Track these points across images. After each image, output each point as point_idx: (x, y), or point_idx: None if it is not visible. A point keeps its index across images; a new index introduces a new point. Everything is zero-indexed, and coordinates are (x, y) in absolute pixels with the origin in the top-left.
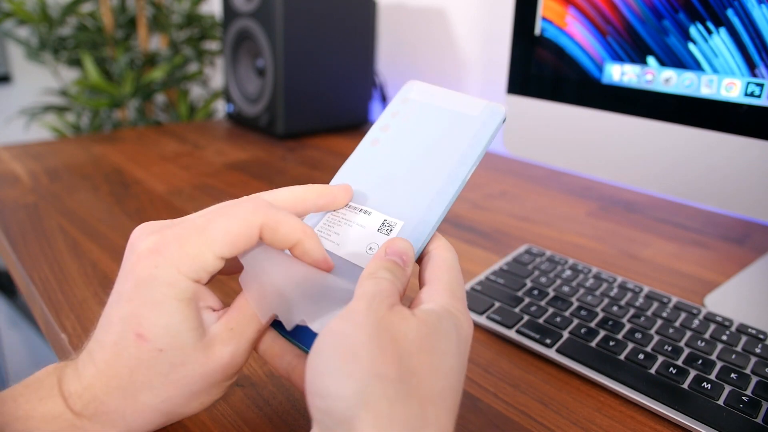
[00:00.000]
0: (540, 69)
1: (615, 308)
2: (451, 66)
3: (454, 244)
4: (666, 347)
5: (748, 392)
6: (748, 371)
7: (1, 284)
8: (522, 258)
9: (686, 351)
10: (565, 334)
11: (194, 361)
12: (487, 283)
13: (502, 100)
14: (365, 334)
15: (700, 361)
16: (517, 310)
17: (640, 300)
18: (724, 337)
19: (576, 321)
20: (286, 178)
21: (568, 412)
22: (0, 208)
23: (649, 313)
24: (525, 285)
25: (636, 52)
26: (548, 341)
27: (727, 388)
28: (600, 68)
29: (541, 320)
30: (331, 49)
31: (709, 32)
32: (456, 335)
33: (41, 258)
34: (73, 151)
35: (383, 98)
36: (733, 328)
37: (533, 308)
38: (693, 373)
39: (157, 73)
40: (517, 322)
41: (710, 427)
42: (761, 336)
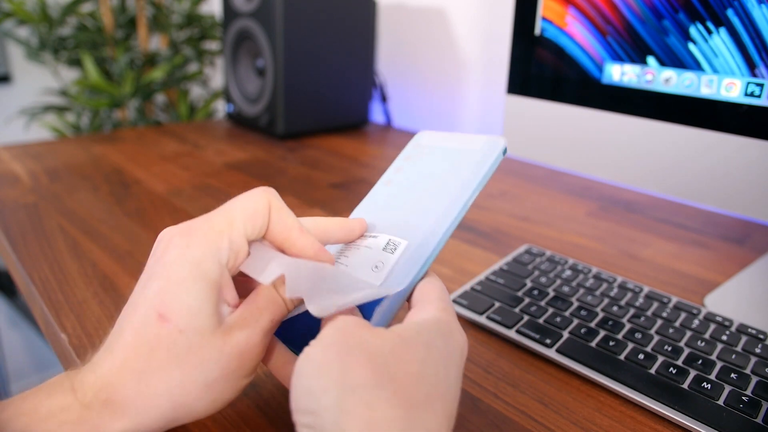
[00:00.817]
0: (540, 69)
1: (615, 308)
2: (451, 66)
3: (454, 243)
4: (666, 347)
5: (748, 392)
6: (748, 371)
7: (1, 284)
8: (522, 258)
9: (686, 351)
10: (565, 334)
11: (212, 346)
12: (487, 283)
13: (502, 100)
14: (334, 351)
15: (700, 361)
16: (517, 310)
17: (640, 300)
18: (724, 337)
19: (576, 321)
20: (286, 178)
21: (568, 412)
22: (0, 208)
23: (649, 313)
24: (525, 285)
25: (636, 52)
26: (548, 341)
27: (727, 388)
28: (600, 68)
29: (541, 320)
30: (331, 49)
31: (709, 32)
32: (443, 345)
33: (41, 258)
34: (73, 151)
35: (383, 98)
36: (733, 328)
37: (533, 308)
38: (693, 373)
39: (157, 73)
40: (517, 322)
41: (710, 427)
42: (761, 336)
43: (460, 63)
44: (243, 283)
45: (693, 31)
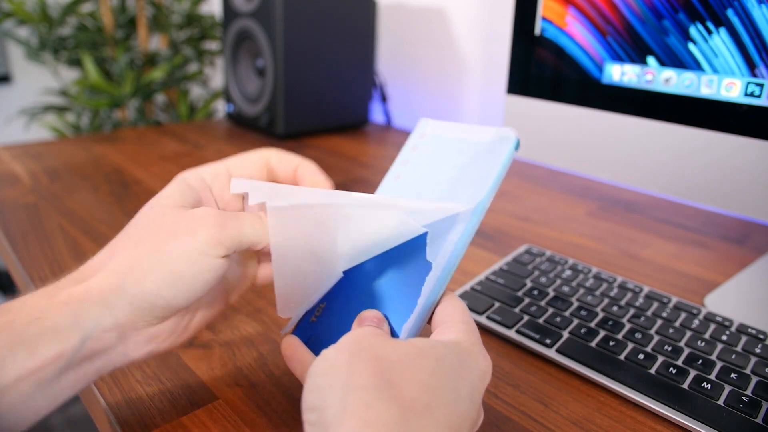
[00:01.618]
0: (540, 69)
1: (615, 308)
2: (451, 66)
3: None
4: (666, 347)
5: (748, 392)
6: (748, 371)
7: (1, 284)
8: (522, 258)
9: (686, 351)
10: (565, 334)
11: (171, 213)
12: (487, 283)
13: (502, 100)
14: (347, 354)
15: (700, 361)
16: (517, 310)
17: (640, 300)
18: (724, 337)
19: (576, 321)
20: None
21: (568, 412)
22: (0, 208)
23: (649, 313)
24: (525, 285)
25: (636, 52)
26: (548, 341)
27: (727, 388)
28: (600, 68)
29: (541, 320)
30: (331, 49)
31: (709, 32)
32: (457, 361)
33: (41, 258)
34: (73, 151)
35: (383, 98)
36: (733, 328)
37: (533, 308)
38: (693, 373)
39: (157, 73)
40: (517, 322)
41: (710, 427)
42: (761, 336)
43: (460, 63)
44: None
45: (693, 31)
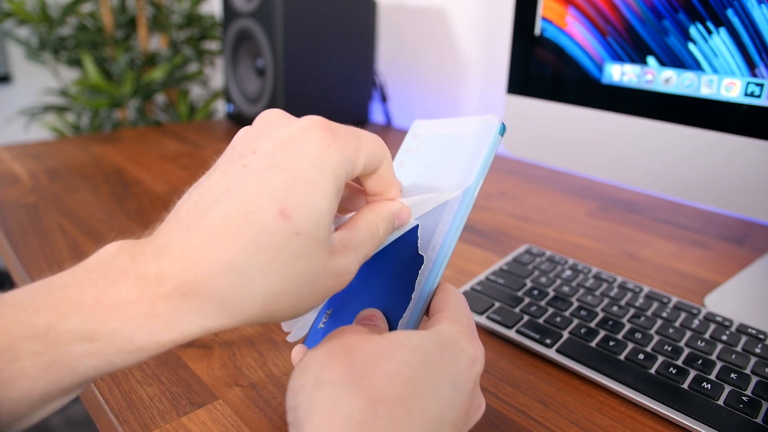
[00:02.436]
0: (540, 69)
1: (615, 308)
2: (451, 66)
3: None
4: (666, 347)
5: (748, 392)
6: (748, 371)
7: (1, 284)
8: (522, 258)
9: (686, 351)
10: (565, 334)
11: (318, 260)
12: (487, 283)
13: (502, 100)
14: (321, 353)
15: (700, 361)
16: (517, 310)
17: (640, 300)
18: (724, 337)
19: (576, 321)
20: None
21: (568, 412)
22: (0, 208)
23: (649, 313)
24: (525, 285)
25: (636, 52)
26: (548, 341)
27: (727, 388)
28: (600, 68)
29: (541, 320)
30: (331, 49)
31: (709, 32)
32: (436, 350)
33: (41, 258)
34: (73, 151)
35: (383, 98)
36: (733, 328)
37: (533, 308)
38: (693, 373)
39: (157, 73)
40: (517, 322)
41: (710, 427)
42: (761, 336)
43: (460, 63)
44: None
45: (693, 31)
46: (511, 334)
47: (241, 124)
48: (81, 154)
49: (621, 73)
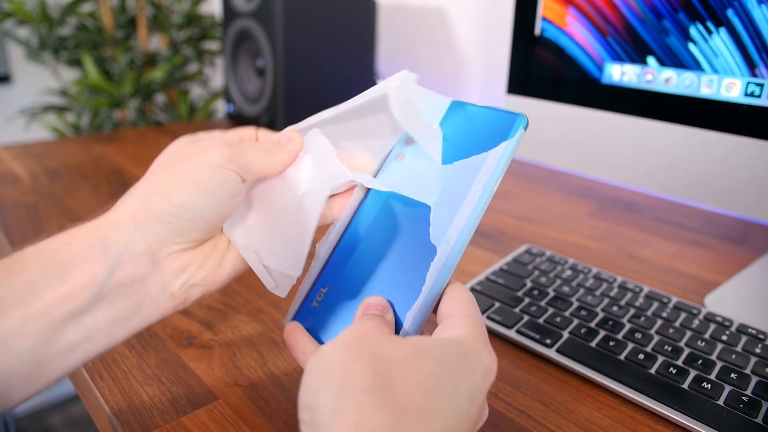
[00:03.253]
0: (540, 69)
1: (615, 308)
2: (451, 66)
3: None
4: (666, 347)
5: (748, 392)
6: (748, 371)
7: None
8: (522, 258)
9: (686, 351)
10: (565, 334)
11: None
12: (487, 283)
13: (502, 100)
14: (344, 352)
15: (700, 361)
16: (517, 310)
17: (640, 300)
18: (724, 337)
19: (576, 321)
20: None
21: (568, 412)
22: (0, 208)
23: (649, 313)
24: (525, 285)
25: (636, 52)
26: (548, 341)
27: (727, 388)
28: (600, 68)
29: (541, 320)
30: (331, 49)
31: (709, 32)
32: (458, 363)
33: None
34: (73, 151)
35: None
36: (733, 328)
37: (533, 308)
38: (693, 373)
39: (157, 73)
40: (517, 322)
41: (710, 427)
42: (761, 336)
43: (460, 63)
44: None
45: (693, 31)
46: (511, 334)
47: (241, 124)
48: (81, 154)
49: (621, 73)
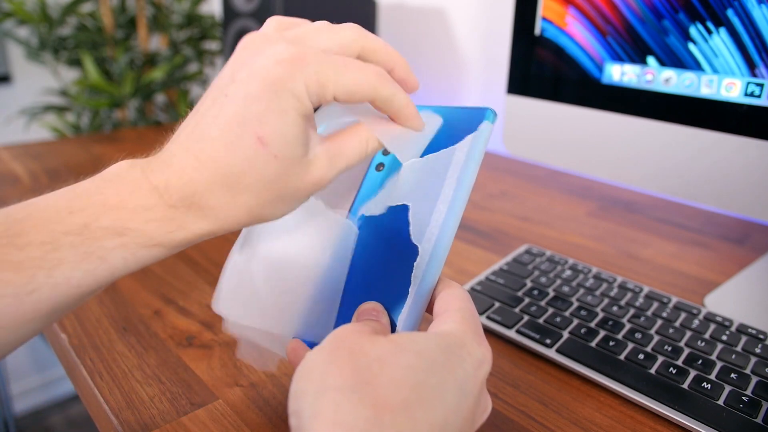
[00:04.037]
0: (540, 69)
1: (615, 308)
2: (451, 66)
3: (454, 243)
4: (666, 347)
5: (748, 392)
6: (748, 371)
7: None
8: (522, 258)
9: (686, 351)
10: (565, 334)
11: (296, 175)
12: (487, 283)
13: (502, 100)
14: (325, 355)
15: (700, 361)
16: (517, 310)
17: (640, 300)
18: (724, 337)
19: (576, 321)
20: None
21: (568, 412)
22: (0, 208)
23: (649, 313)
24: (525, 285)
25: (636, 52)
26: (548, 341)
27: (727, 388)
28: (600, 68)
29: (541, 320)
30: None
31: (709, 32)
32: (442, 355)
33: None
34: (73, 151)
35: None
36: (733, 328)
37: (533, 308)
38: (693, 373)
39: (157, 73)
40: (517, 322)
41: (710, 427)
42: (761, 336)
43: (460, 63)
44: None
45: (693, 31)
46: (511, 334)
47: None
48: (81, 154)
49: (621, 73)
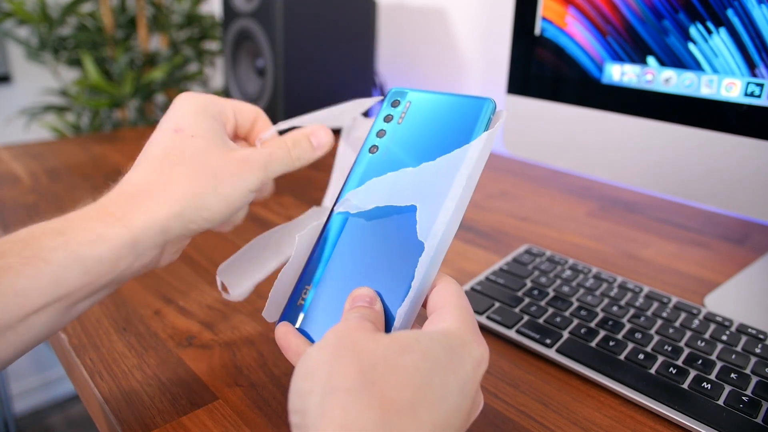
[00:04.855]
0: (540, 69)
1: (615, 308)
2: (451, 66)
3: (454, 243)
4: (666, 347)
5: (748, 392)
6: (748, 371)
7: None
8: (522, 258)
9: (686, 351)
10: (565, 334)
11: (219, 153)
12: (487, 283)
13: (502, 100)
14: (328, 353)
15: (700, 361)
16: (517, 310)
17: (640, 300)
18: (724, 337)
19: (576, 321)
20: (285, 179)
21: (568, 412)
22: (0, 208)
23: (649, 313)
24: (525, 285)
25: (636, 52)
26: (548, 341)
27: (727, 388)
28: (600, 68)
29: (541, 320)
30: (331, 49)
31: (709, 32)
32: (445, 355)
33: None
34: (73, 151)
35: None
36: (733, 328)
37: (533, 308)
38: (693, 373)
39: (157, 73)
40: (517, 322)
41: (710, 427)
42: (761, 336)
43: (460, 63)
44: None
45: (693, 31)
46: (511, 334)
47: None
48: (81, 154)
49: (621, 73)
